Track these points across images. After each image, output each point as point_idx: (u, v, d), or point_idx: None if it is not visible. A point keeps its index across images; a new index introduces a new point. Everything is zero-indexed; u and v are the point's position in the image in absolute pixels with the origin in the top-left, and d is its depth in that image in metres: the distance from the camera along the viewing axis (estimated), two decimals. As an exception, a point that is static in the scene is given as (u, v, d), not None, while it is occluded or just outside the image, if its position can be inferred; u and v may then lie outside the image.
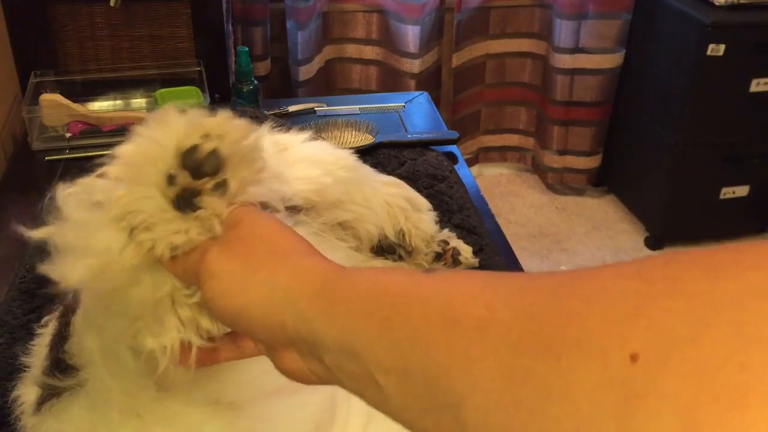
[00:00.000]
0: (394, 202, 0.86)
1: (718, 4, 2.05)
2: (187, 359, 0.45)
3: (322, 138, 1.02)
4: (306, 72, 2.26)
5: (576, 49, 2.36)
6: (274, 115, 1.21)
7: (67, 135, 1.21)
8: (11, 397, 0.60)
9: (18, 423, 0.58)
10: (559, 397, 0.24)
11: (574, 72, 2.40)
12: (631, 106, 2.43)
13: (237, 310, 0.39)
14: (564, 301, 0.26)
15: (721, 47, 2.02)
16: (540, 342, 0.25)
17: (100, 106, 1.33)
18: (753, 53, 2.06)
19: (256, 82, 1.32)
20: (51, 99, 1.22)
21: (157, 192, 0.41)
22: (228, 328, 0.45)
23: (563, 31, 2.34)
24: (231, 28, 1.85)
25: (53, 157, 1.17)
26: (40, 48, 1.36)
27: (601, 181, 2.62)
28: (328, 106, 1.34)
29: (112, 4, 1.32)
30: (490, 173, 2.72)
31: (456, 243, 0.88)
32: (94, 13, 1.37)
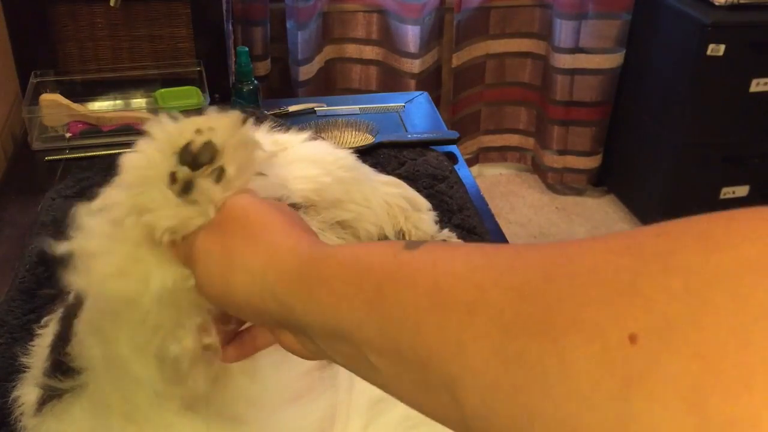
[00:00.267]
0: (393, 202, 0.86)
1: (718, 4, 2.05)
2: (218, 355, 0.45)
3: (322, 138, 1.02)
4: (306, 72, 2.26)
5: (576, 49, 2.36)
6: (274, 115, 1.21)
7: (67, 135, 1.21)
8: (11, 397, 0.60)
9: (18, 423, 0.58)
10: (558, 380, 0.23)
11: (574, 72, 2.40)
12: (631, 106, 2.43)
13: (222, 294, 0.40)
14: (556, 280, 0.25)
15: (721, 47, 2.02)
16: (534, 324, 0.25)
17: (100, 106, 1.33)
18: (753, 53, 2.05)
19: (256, 82, 1.32)
20: (51, 99, 1.22)
21: (163, 186, 0.43)
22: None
23: (563, 31, 2.34)
24: (231, 28, 1.85)
25: (53, 157, 1.17)
26: (40, 48, 1.36)
27: (601, 181, 2.62)
28: (328, 106, 1.34)
29: (112, 4, 1.32)
30: (490, 173, 2.72)
31: (456, 243, 0.88)
32: (94, 13, 1.37)
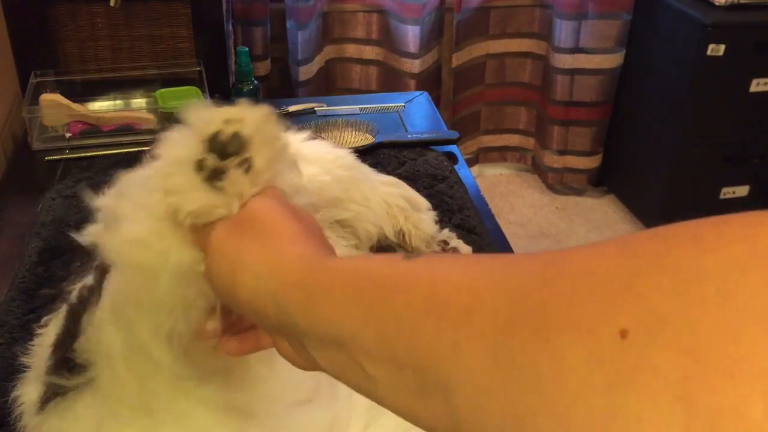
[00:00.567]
0: (393, 202, 0.86)
1: (718, 4, 2.05)
2: (209, 335, 0.47)
3: (322, 138, 1.02)
4: (306, 72, 2.26)
5: (576, 49, 2.36)
6: (274, 115, 1.20)
7: (67, 135, 1.21)
8: (11, 397, 0.60)
9: (18, 423, 0.58)
10: (549, 378, 0.24)
11: (574, 72, 2.40)
12: (631, 106, 2.43)
13: (227, 291, 0.41)
14: (550, 282, 0.26)
15: (721, 47, 2.02)
16: (528, 324, 0.25)
17: (100, 106, 1.33)
18: (753, 53, 2.05)
19: (256, 82, 1.32)
20: (51, 99, 1.22)
21: (191, 171, 0.43)
22: None
23: (563, 31, 2.34)
24: (231, 28, 1.85)
25: (53, 157, 1.17)
26: (40, 48, 1.36)
27: (601, 181, 2.62)
28: (328, 106, 1.34)
29: (112, 4, 1.32)
30: (490, 173, 2.73)
31: (456, 243, 0.88)
32: (94, 13, 1.37)
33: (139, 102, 1.36)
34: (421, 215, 0.88)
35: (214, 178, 0.43)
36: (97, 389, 0.53)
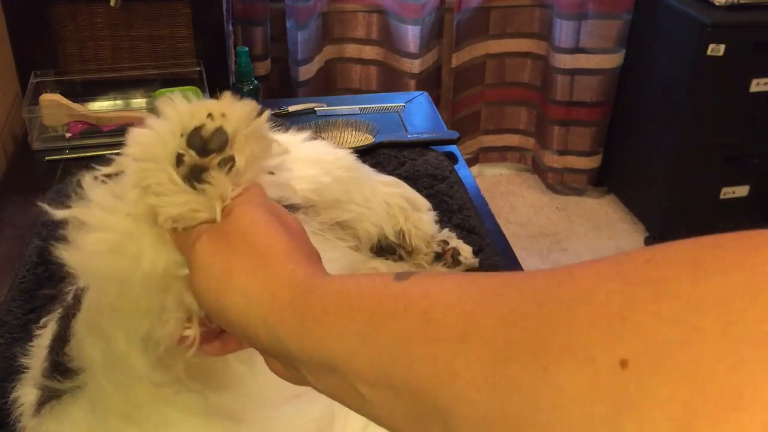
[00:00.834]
0: (393, 202, 0.86)
1: (718, 4, 2.05)
2: (187, 342, 0.44)
3: (322, 138, 1.02)
4: (306, 72, 2.26)
5: (576, 49, 2.36)
6: (274, 115, 1.20)
7: (67, 135, 1.21)
8: (11, 398, 0.60)
9: (17, 424, 0.58)
10: (549, 406, 0.23)
11: (574, 72, 2.40)
12: (631, 106, 2.43)
13: (215, 309, 0.39)
14: (546, 306, 0.25)
15: (721, 47, 2.02)
16: (525, 350, 0.25)
17: (100, 106, 1.33)
18: (753, 53, 2.05)
19: (256, 82, 1.32)
20: (51, 99, 1.22)
21: (169, 167, 0.41)
22: None
23: (563, 31, 2.34)
24: (231, 28, 1.85)
25: (53, 157, 1.17)
26: (40, 48, 1.36)
27: (601, 181, 2.62)
28: (328, 106, 1.34)
29: (112, 4, 1.32)
30: (490, 173, 2.73)
31: (456, 243, 0.88)
32: (94, 13, 1.37)
33: (139, 102, 1.36)
34: (422, 215, 0.88)
35: (194, 177, 0.41)
36: (89, 395, 0.52)
